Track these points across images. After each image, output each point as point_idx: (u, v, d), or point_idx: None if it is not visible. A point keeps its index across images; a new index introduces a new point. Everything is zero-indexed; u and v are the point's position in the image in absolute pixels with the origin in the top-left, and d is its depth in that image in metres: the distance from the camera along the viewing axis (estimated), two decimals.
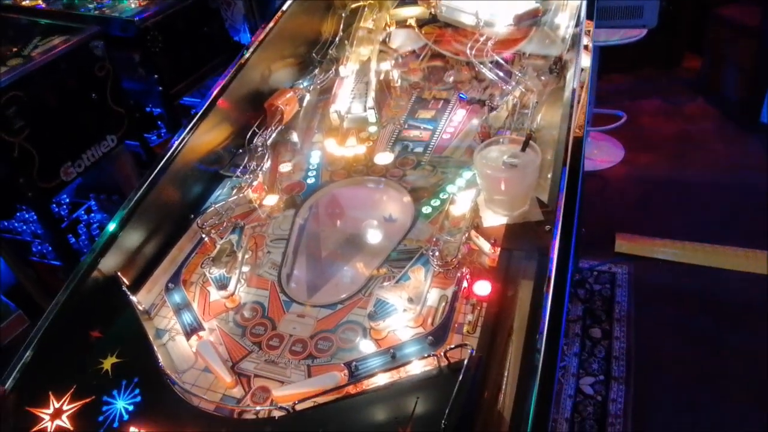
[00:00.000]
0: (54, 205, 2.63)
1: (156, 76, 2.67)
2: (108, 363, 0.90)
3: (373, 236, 1.17)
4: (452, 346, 0.82)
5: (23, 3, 2.94)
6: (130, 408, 0.84)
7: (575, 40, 1.35)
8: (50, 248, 2.46)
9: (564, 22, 1.56)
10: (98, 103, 2.40)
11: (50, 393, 0.86)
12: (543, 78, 1.42)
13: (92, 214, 2.75)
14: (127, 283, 1.05)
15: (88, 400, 0.85)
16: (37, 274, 2.39)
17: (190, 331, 0.99)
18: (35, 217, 2.55)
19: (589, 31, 1.32)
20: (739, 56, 3.54)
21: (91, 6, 2.81)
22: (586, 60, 1.25)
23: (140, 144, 2.74)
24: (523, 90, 1.35)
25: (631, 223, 2.77)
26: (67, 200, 2.78)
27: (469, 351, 0.78)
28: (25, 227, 2.56)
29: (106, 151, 2.44)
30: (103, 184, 2.81)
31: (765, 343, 2.12)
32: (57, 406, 0.85)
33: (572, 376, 2.14)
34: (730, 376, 2.05)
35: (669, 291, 2.45)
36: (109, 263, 1.03)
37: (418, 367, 0.82)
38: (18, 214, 2.56)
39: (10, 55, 2.25)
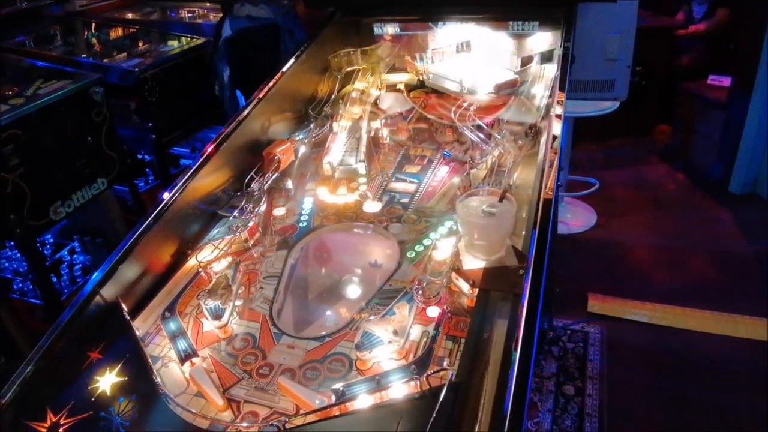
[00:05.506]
0: (38, 244, 2.64)
1: (150, 124, 2.76)
2: (106, 381, 0.94)
3: (361, 277, 1.24)
4: (434, 370, 0.89)
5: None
6: (127, 424, 0.88)
7: (548, 109, 1.47)
8: (30, 286, 2.46)
9: (539, 92, 1.71)
10: (93, 147, 2.46)
11: (47, 408, 0.89)
12: (519, 142, 1.54)
13: (75, 256, 2.77)
14: (127, 309, 1.10)
15: (85, 415, 0.89)
16: (16, 311, 2.38)
17: (185, 357, 1.03)
18: (18, 254, 2.57)
19: (561, 101, 1.44)
20: (707, 128, 3.71)
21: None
22: (557, 128, 1.34)
23: (129, 189, 2.80)
24: (502, 151, 1.47)
25: (604, 285, 2.88)
26: (51, 240, 2.80)
27: (450, 374, 0.85)
28: (7, 264, 2.56)
29: (95, 194, 2.48)
30: (87, 226, 2.84)
31: (736, 403, 2.19)
32: (54, 420, 0.88)
33: None
34: None
35: (640, 350, 2.53)
36: (111, 290, 1.09)
37: (402, 390, 0.88)
38: (1, 251, 2.57)
39: (12, 94, 2.32)
